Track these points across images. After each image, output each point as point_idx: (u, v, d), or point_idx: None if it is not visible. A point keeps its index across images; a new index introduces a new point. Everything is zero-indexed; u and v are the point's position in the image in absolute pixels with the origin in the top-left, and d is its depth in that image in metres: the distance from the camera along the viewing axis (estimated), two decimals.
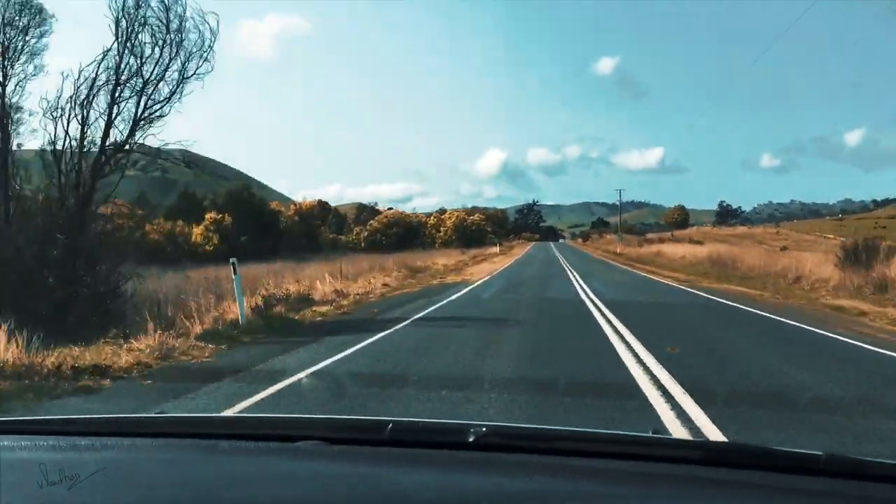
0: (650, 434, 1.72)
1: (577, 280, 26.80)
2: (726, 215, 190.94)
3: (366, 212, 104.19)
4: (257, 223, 62.08)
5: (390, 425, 1.62)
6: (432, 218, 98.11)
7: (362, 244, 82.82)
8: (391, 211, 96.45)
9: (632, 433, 1.72)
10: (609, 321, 12.41)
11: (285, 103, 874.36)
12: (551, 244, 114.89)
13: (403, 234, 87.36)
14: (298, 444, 1.61)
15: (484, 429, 1.59)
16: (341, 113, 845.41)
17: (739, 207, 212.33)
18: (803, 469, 1.47)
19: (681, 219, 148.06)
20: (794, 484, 1.43)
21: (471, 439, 1.57)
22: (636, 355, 8.65)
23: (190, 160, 19.27)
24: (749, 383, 7.18)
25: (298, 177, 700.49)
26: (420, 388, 6.87)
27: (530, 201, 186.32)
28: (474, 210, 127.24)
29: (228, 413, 5.62)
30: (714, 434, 5.11)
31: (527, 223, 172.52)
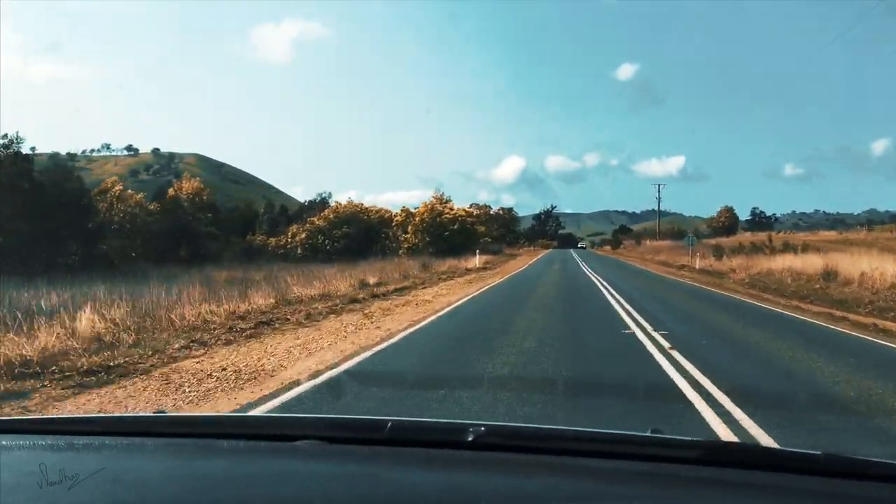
0: (649, 433, 1.66)
1: None
2: (760, 223, 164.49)
3: (315, 207, 74.54)
4: (41, 210, 33.59)
5: (389, 424, 1.60)
6: (400, 214, 62.23)
7: (298, 250, 58.63)
8: (345, 204, 64.87)
9: (631, 432, 1.68)
10: None
11: (300, 109, 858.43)
12: (572, 252, 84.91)
13: (360, 235, 59.97)
14: (297, 444, 1.58)
15: (483, 428, 1.56)
16: (356, 119, 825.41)
17: (774, 215, 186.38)
18: (803, 469, 1.46)
19: (728, 223, 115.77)
20: (794, 483, 1.41)
21: (470, 439, 1.54)
22: None
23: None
24: None
25: (312, 184, 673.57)
26: None
27: (548, 207, 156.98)
28: (473, 207, 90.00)
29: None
30: None
31: (544, 230, 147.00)
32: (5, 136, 33.14)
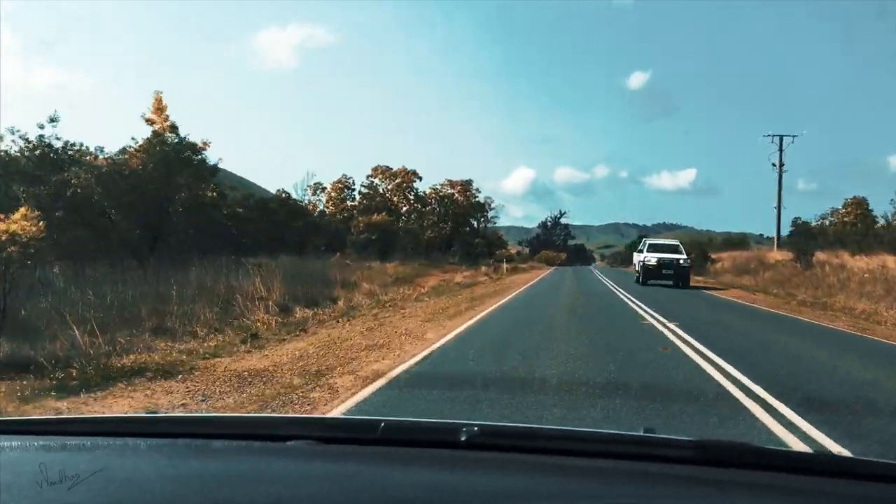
0: (642, 433, 1.67)
1: None
2: (800, 235, 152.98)
3: None
4: None
5: (382, 425, 1.61)
6: None
7: None
8: None
9: (623, 432, 1.70)
10: None
11: (299, 114, 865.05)
12: (603, 280, 33.92)
13: None
14: (291, 444, 1.59)
15: (476, 428, 1.57)
16: (361, 126, 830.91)
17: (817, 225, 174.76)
18: (799, 468, 1.46)
19: (861, 225, 44.85)
20: (790, 483, 1.39)
21: (462, 439, 1.54)
22: None
23: None
24: None
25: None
26: None
27: (555, 213, 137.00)
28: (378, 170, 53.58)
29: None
30: None
31: (550, 239, 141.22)
32: None
